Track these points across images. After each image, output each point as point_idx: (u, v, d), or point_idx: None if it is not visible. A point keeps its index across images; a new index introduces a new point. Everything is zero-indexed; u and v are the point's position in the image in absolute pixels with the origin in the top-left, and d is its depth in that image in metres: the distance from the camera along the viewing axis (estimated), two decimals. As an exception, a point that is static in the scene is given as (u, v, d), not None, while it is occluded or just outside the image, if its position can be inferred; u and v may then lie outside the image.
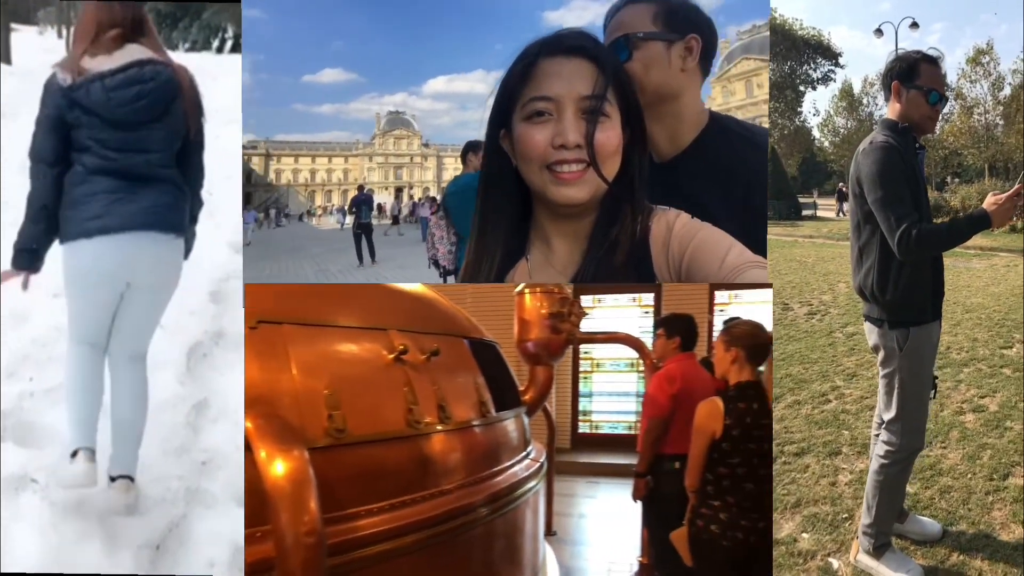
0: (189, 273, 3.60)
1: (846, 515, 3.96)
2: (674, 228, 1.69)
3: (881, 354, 3.44)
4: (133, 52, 3.21)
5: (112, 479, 3.35)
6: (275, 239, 29.18)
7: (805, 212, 29.81)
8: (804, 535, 3.89)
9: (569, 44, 1.68)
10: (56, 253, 3.27)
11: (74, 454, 3.36)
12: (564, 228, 1.75)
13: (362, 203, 18.45)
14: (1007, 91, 30.59)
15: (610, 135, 1.65)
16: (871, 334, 3.48)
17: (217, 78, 8.50)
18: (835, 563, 3.65)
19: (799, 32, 34.97)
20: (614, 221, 1.70)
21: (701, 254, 1.63)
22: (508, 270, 1.81)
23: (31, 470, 3.55)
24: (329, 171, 50.84)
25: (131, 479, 3.36)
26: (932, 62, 3.34)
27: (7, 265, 3.27)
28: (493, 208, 1.81)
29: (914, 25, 27.82)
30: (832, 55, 35.93)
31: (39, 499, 3.42)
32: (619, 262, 1.67)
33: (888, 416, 3.48)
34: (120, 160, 3.19)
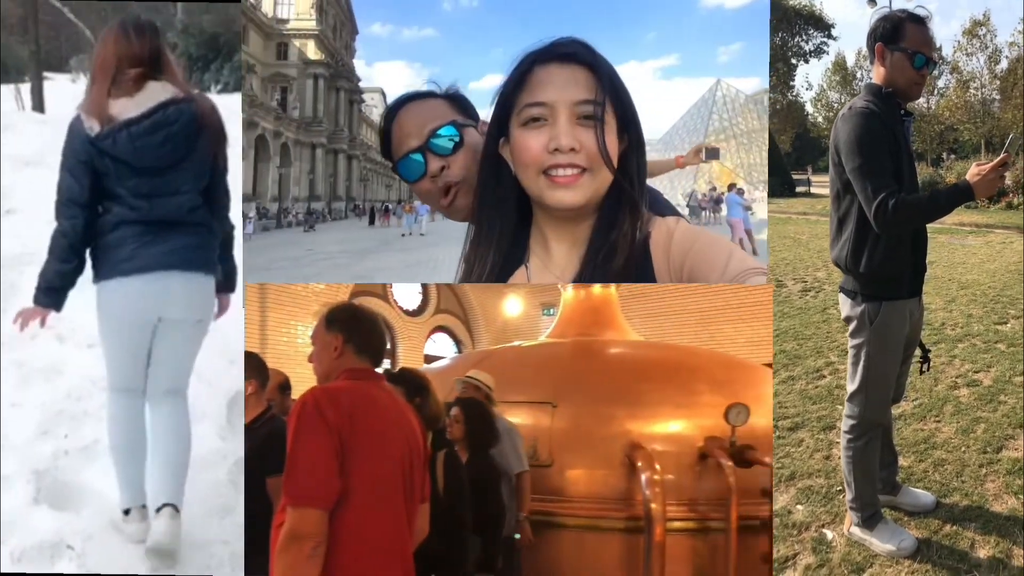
0: (226, 318, 3.54)
1: (840, 488, 3.98)
2: (674, 234, 1.69)
3: (852, 326, 3.42)
4: (155, 93, 3.14)
5: (157, 510, 3.27)
6: (448, 230, 30.61)
7: (799, 188, 29.78)
8: (799, 507, 3.93)
9: (563, 51, 1.69)
10: (90, 302, 3.23)
11: (127, 512, 3.34)
12: (562, 232, 1.76)
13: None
14: (1004, 64, 30.46)
15: (607, 140, 1.66)
16: (844, 305, 3.46)
17: (241, 116, 8.31)
18: (829, 534, 3.68)
19: (790, 2, 34.63)
20: (613, 225, 1.71)
21: (702, 261, 1.63)
22: (505, 277, 1.81)
23: (67, 535, 3.39)
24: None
25: (176, 508, 3.27)
26: (919, 22, 3.24)
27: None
28: (488, 216, 1.82)
29: (910, -2, 27.64)
30: (825, 26, 35.66)
31: (75, 567, 3.29)
32: (618, 266, 1.68)
33: (851, 388, 3.49)
34: (150, 207, 3.16)
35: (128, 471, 3.34)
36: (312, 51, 38.73)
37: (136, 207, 3.15)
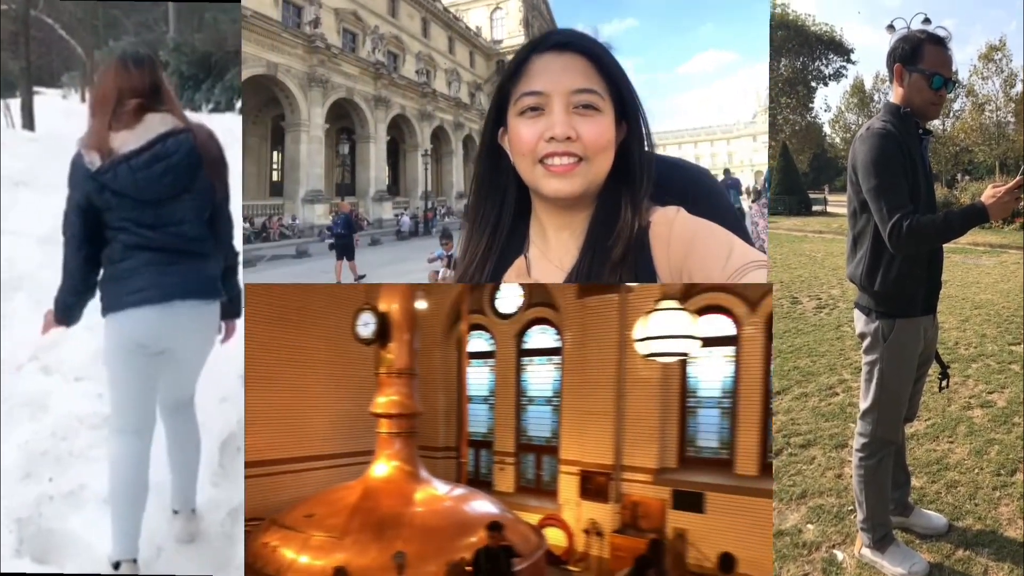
0: (217, 355, 3.45)
1: (851, 507, 3.94)
2: (674, 225, 1.67)
3: (865, 342, 3.40)
4: (154, 124, 3.15)
5: (175, 512, 3.53)
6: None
7: (815, 207, 29.87)
8: (809, 526, 3.88)
9: (559, 40, 1.69)
10: (76, 333, 3.25)
11: (116, 565, 3.24)
12: (561, 221, 1.75)
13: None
14: (1019, 88, 30.44)
15: (601, 129, 1.65)
16: (858, 321, 3.45)
17: (240, 139, 8.07)
18: (839, 555, 3.64)
19: (811, 28, 34.82)
20: (611, 214, 1.70)
21: (704, 252, 1.61)
22: (505, 266, 1.80)
23: None
24: (713, 155, 51.14)
25: (192, 510, 3.56)
26: (937, 43, 3.24)
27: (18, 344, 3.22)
28: (485, 204, 1.82)
29: (926, 21, 27.66)
30: (844, 51, 35.74)
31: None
32: (617, 256, 1.66)
33: (864, 405, 3.46)
34: (155, 236, 3.17)
35: (125, 520, 3.25)
36: (525, 63, 41.40)
37: (142, 237, 3.16)
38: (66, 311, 3.27)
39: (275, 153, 26.71)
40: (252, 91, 22.87)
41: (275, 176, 26.80)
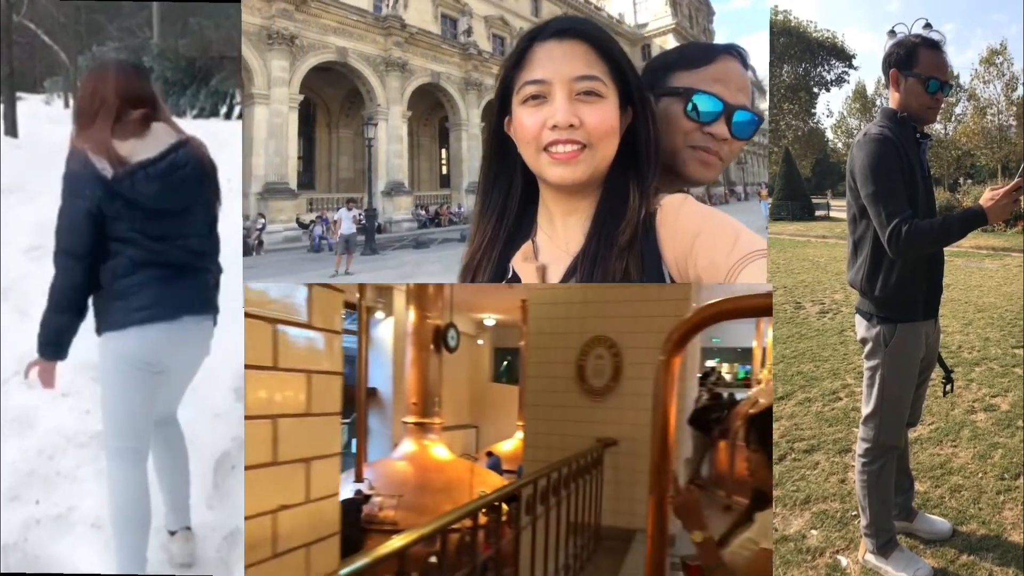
0: (209, 368, 3.34)
1: (855, 512, 3.93)
2: (680, 211, 1.67)
3: (867, 347, 3.41)
4: (162, 135, 3.07)
5: (172, 533, 3.42)
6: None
7: (818, 212, 29.89)
8: (813, 532, 3.87)
9: (560, 27, 1.69)
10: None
11: None
12: (568, 206, 1.75)
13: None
14: (1020, 91, 30.54)
15: (604, 115, 1.65)
16: (860, 327, 3.45)
17: (228, 145, 7.76)
18: (843, 560, 3.63)
19: (813, 34, 34.97)
20: (619, 200, 1.70)
21: (709, 240, 1.60)
22: (512, 251, 1.80)
23: None
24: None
25: (188, 528, 3.46)
26: (932, 47, 3.25)
27: (13, 353, 3.07)
28: (491, 191, 1.83)
29: (927, 26, 27.72)
30: (846, 57, 35.91)
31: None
32: (624, 241, 1.66)
33: (866, 411, 3.46)
34: (164, 250, 3.06)
35: (132, 547, 3.14)
36: (672, 44, 40.57)
37: (150, 251, 3.05)
38: (59, 334, 3.04)
39: (443, 150, 30.33)
40: (421, 97, 26.62)
41: (443, 170, 30.24)
